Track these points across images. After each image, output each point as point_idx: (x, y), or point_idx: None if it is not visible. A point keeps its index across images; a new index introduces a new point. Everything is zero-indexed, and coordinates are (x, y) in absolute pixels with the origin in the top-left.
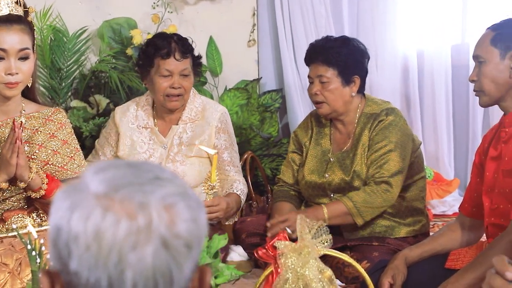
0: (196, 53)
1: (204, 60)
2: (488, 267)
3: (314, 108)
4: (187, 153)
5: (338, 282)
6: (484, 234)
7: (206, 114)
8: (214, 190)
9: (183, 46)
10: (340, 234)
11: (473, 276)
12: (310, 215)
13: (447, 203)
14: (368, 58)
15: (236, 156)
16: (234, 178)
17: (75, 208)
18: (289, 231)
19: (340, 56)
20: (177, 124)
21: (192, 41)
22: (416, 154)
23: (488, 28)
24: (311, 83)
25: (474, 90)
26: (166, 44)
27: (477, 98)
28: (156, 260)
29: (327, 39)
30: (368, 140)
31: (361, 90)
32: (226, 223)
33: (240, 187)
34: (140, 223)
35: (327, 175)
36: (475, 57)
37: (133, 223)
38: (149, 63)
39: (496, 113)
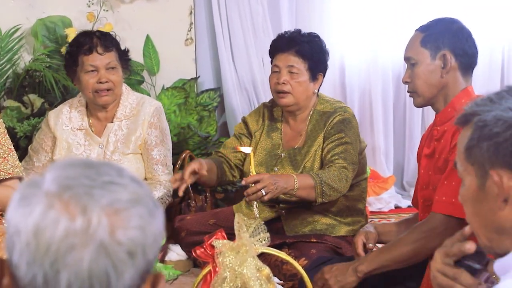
0: (127, 49)
1: (141, 59)
2: (403, 252)
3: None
4: (124, 150)
5: (276, 279)
6: None
7: (141, 110)
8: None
9: (105, 40)
10: (279, 231)
11: (387, 258)
12: (282, 180)
13: (384, 200)
14: (329, 59)
15: (167, 154)
16: (160, 180)
17: (23, 202)
18: (263, 192)
19: (314, 51)
20: (112, 122)
21: (116, 35)
22: (362, 155)
23: (416, 29)
24: (277, 72)
25: (408, 92)
26: (88, 40)
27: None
28: (93, 264)
29: (300, 33)
30: (323, 138)
31: (319, 89)
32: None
33: (157, 195)
34: (77, 226)
35: (276, 169)
36: (407, 59)
37: (72, 225)
38: (74, 62)
39: (431, 112)
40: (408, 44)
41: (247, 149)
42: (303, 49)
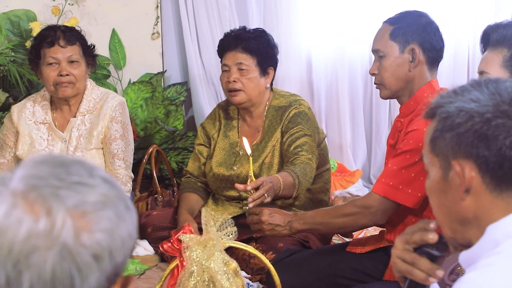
0: (93, 45)
1: (107, 53)
2: (335, 223)
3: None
4: (86, 145)
5: (243, 273)
6: None
7: (104, 105)
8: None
9: (69, 33)
10: (245, 227)
11: (319, 222)
12: (273, 181)
13: (350, 194)
14: (278, 53)
15: (128, 149)
16: (118, 176)
17: None
18: (267, 197)
19: (260, 46)
20: (75, 117)
21: (81, 30)
22: (321, 146)
23: (385, 22)
24: (227, 71)
25: (375, 83)
26: (51, 33)
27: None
28: (56, 267)
29: (246, 30)
30: (281, 132)
31: (271, 83)
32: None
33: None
34: (41, 227)
35: (235, 168)
36: (375, 51)
37: (35, 226)
38: (37, 55)
39: (398, 106)
40: (377, 36)
41: (248, 150)
42: (250, 45)
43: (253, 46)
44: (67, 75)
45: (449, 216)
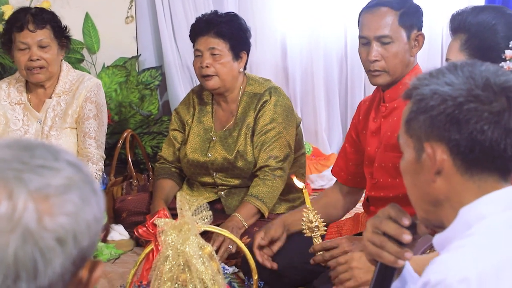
0: (66, 26)
1: (80, 37)
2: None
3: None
4: (61, 125)
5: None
6: (362, 205)
7: (80, 86)
8: (315, 224)
9: (39, 17)
10: (220, 212)
11: None
12: (232, 227)
13: (326, 177)
14: (250, 36)
15: (100, 130)
16: (89, 155)
17: None
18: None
19: (233, 30)
20: (50, 98)
21: (50, 11)
22: (297, 131)
23: (383, 5)
24: (199, 56)
25: (375, 70)
26: (21, 16)
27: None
28: (18, 251)
29: (217, 14)
30: (254, 121)
31: (245, 67)
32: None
33: (92, 170)
34: (2, 211)
35: (210, 155)
36: (378, 38)
37: None
38: (9, 39)
39: (373, 89)
40: (380, 22)
41: (299, 184)
42: (222, 29)
43: (225, 30)
44: (37, 59)
45: (421, 197)
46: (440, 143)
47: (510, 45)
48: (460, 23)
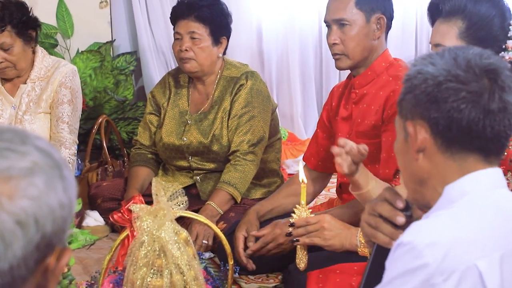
0: (32, 16)
1: (54, 22)
2: (358, 211)
3: (170, 69)
4: (35, 110)
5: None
6: (335, 191)
7: (55, 72)
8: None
9: None
10: (195, 197)
11: (348, 212)
12: (206, 217)
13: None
14: (231, 21)
15: (73, 115)
16: (62, 139)
17: None
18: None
19: (213, 15)
20: (25, 83)
21: (12, 4)
22: (273, 116)
23: None
24: (179, 39)
25: (335, 53)
26: None
27: (332, 59)
28: None
29: None
30: (230, 105)
31: (224, 52)
32: None
33: (64, 154)
34: None
35: (185, 138)
36: (337, 20)
37: None
38: None
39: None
40: (338, 5)
41: (302, 176)
42: (202, 14)
43: (206, 15)
44: (1, 62)
45: (410, 177)
46: (422, 122)
47: (510, 35)
48: (456, 8)
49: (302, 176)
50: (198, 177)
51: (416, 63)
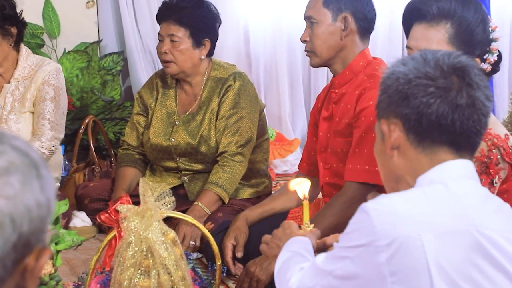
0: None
1: (40, 22)
2: (325, 226)
3: (158, 69)
4: (20, 109)
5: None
6: (321, 193)
7: (39, 70)
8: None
9: None
10: (183, 198)
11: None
12: (194, 217)
13: (289, 163)
14: (220, 23)
15: (56, 112)
16: (39, 134)
17: None
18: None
19: (194, 17)
20: (9, 83)
21: None
22: (260, 117)
23: None
24: (161, 41)
25: (306, 50)
26: None
27: None
28: None
29: None
30: (218, 106)
31: (210, 54)
32: None
33: (35, 145)
34: None
35: (173, 139)
36: (307, 18)
37: None
38: None
39: None
40: (310, 3)
41: (300, 193)
42: (182, 16)
43: (185, 17)
44: None
45: (387, 175)
46: (396, 120)
47: (491, 38)
48: (445, 12)
49: (305, 191)
50: (186, 178)
51: (390, 66)
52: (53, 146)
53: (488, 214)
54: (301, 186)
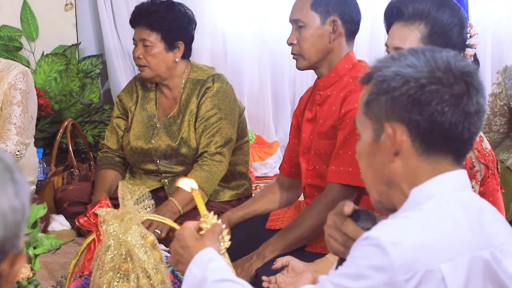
0: None
1: (18, 25)
2: (307, 228)
3: (137, 73)
4: None
5: (162, 247)
6: (302, 194)
7: (5, 74)
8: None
9: None
10: (163, 200)
11: (292, 237)
12: (166, 211)
13: (269, 165)
14: (195, 24)
15: (24, 116)
16: (5, 137)
17: None
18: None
19: (164, 21)
20: None
21: None
22: (240, 119)
23: None
24: (135, 45)
25: (292, 53)
26: None
27: None
28: None
29: (153, 3)
30: (197, 108)
31: (186, 56)
32: None
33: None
34: None
35: (153, 141)
36: (294, 21)
37: None
38: None
39: None
40: (296, 6)
41: (187, 187)
42: (152, 21)
43: (156, 22)
44: None
45: (376, 178)
46: (400, 124)
47: (467, 43)
48: (420, 12)
49: (190, 184)
50: (166, 180)
51: (389, 64)
52: (18, 151)
53: (497, 228)
54: (184, 182)
